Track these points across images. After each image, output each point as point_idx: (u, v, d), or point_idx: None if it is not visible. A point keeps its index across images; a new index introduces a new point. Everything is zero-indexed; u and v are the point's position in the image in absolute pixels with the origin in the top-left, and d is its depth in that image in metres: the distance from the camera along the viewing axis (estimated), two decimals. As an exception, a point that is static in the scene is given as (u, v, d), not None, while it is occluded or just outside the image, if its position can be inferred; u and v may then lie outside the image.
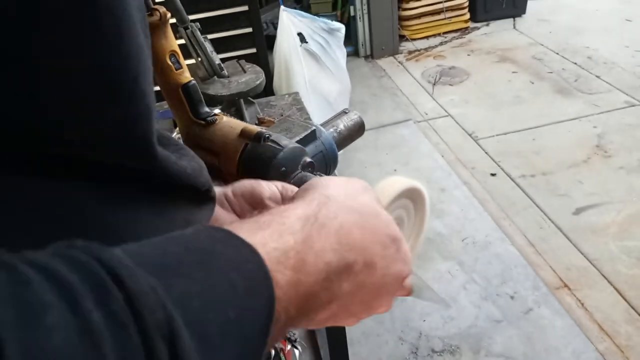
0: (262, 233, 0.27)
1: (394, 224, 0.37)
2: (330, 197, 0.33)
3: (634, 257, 1.88)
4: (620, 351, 1.58)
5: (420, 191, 0.48)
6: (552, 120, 2.73)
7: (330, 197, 0.33)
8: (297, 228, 0.29)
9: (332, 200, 0.33)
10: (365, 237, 0.33)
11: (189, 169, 0.35)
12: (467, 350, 1.64)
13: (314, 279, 0.28)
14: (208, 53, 1.09)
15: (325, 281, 0.29)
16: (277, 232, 0.28)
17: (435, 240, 2.05)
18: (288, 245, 0.28)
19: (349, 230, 0.32)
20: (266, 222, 0.29)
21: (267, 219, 0.29)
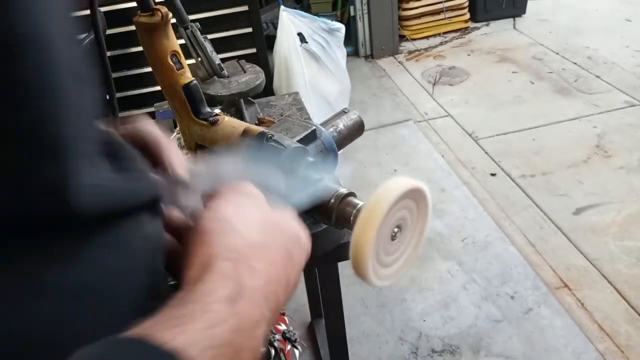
0: (187, 330, 0.24)
1: (290, 222, 0.36)
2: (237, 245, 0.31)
3: (634, 257, 1.89)
4: (620, 351, 1.58)
5: (423, 192, 0.48)
6: (552, 120, 2.73)
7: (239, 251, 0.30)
8: (228, 313, 0.26)
9: (242, 253, 0.30)
10: (279, 267, 0.32)
11: None
12: (467, 350, 1.64)
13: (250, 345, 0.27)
14: (208, 53, 1.09)
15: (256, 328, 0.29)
16: (207, 323, 0.25)
17: (435, 240, 2.05)
18: (222, 339, 0.25)
19: (268, 276, 0.31)
20: (188, 314, 0.25)
21: (189, 310, 0.25)
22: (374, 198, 0.45)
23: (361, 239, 0.44)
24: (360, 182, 2.40)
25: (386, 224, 0.46)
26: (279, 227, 0.35)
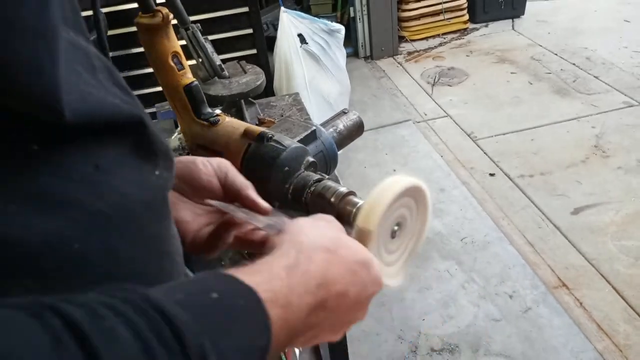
0: (255, 278, 0.33)
1: (362, 250, 0.42)
2: (303, 242, 0.39)
3: (632, 257, 1.90)
4: (618, 350, 1.59)
5: (422, 189, 0.48)
6: (551, 121, 2.74)
7: (303, 243, 0.39)
8: (283, 275, 0.35)
9: (304, 245, 0.38)
10: (337, 271, 0.38)
11: None
12: (466, 349, 1.65)
13: (297, 316, 0.35)
14: (209, 54, 1.09)
15: (306, 317, 0.36)
16: (267, 278, 0.34)
17: (435, 239, 2.06)
18: (276, 289, 0.34)
19: (323, 269, 0.37)
20: (258, 270, 0.35)
21: (258, 267, 0.35)
22: (374, 195, 0.46)
23: (361, 236, 0.45)
24: (360, 182, 2.41)
25: (386, 222, 0.47)
26: (350, 247, 0.41)
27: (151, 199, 0.36)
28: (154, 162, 0.38)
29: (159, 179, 0.38)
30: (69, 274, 0.30)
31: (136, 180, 0.35)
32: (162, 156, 0.39)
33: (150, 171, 0.37)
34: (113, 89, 0.35)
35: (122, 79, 0.38)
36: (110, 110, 0.33)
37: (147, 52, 0.80)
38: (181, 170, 0.50)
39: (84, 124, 0.31)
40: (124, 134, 0.35)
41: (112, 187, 0.33)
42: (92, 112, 0.32)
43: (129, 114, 0.35)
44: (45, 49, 0.28)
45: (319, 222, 0.43)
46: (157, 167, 0.38)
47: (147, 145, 0.37)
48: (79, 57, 0.33)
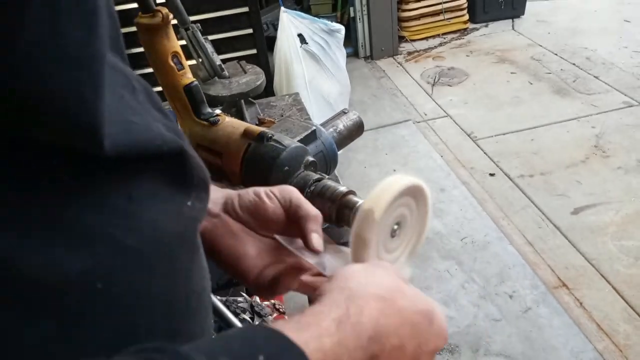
0: (304, 334, 0.31)
1: (423, 299, 0.39)
2: (353, 290, 0.36)
3: (632, 257, 1.90)
4: (618, 350, 1.59)
5: (422, 189, 0.48)
6: (551, 121, 2.74)
7: (353, 290, 0.36)
8: (333, 330, 0.32)
9: (355, 292, 0.35)
10: (392, 323, 0.35)
11: None
12: (466, 349, 1.65)
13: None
14: (209, 54, 1.09)
15: None
16: (316, 334, 0.32)
17: (434, 239, 2.06)
18: (327, 347, 0.31)
19: (376, 320, 0.34)
20: (306, 324, 0.32)
21: (307, 320, 0.33)
22: (375, 193, 0.46)
23: (360, 237, 0.45)
24: (360, 182, 2.41)
25: (386, 221, 0.47)
26: (408, 296, 0.38)
27: (183, 232, 0.35)
28: (187, 192, 0.36)
29: (191, 210, 0.36)
30: (89, 314, 0.28)
31: (169, 212, 0.33)
32: (198, 186, 0.37)
33: (182, 202, 0.35)
34: (153, 112, 0.34)
35: (159, 100, 0.37)
36: (154, 141, 0.32)
37: (147, 52, 0.80)
38: (247, 204, 0.49)
39: (124, 155, 0.29)
40: (164, 164, 0.33)
41: (145, 220, 0.31)
42: (135, 143, 0.30)
43: (172, 144, 0.33)
44: (89, 79, 0.27)
45: (374, 269, 0.40)
46: (190, 198, 0.36)
47: (184, 176, 0.35)
48: (120, 80, 0.32)
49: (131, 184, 0.31)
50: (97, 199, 0.29)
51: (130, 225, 0.30)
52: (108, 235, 0.29)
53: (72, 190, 0.28)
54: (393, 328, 0.35)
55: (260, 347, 0.29)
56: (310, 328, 0.32)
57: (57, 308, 0.27)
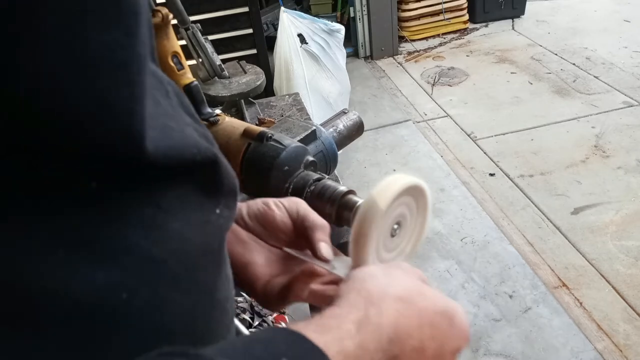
0: (325, 337, 0.31)
1: (444, 299, 0.38)
2: (371, 291, 0.35)
3: (632, 257, 1.90)
4: (618, 350, 1.59)
5: (422, 188, 0.48)
6: (551, 121, 2.74)
7: (371, 292, 0.35)
8: (354, 332, 0.32)
9: (373, 294, 0.35)
10: (412, 324, 0.35)
11: None
12: (466, 349, 1.65)
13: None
14: (209, 54, 1.10)
15: None
16: (337, 336, 0.32)
17: (434, 239, 2.06)
18: (348, 350, 0.31)
19: (395, 321, 0.34)
20: (327, 326, 0.32)
21: (328, 323, 0.32)
22: (374, 194, 0.46)
23: (361, 234, 0.45)
24: (360, 182, 2.41)
25: (386, 220, 0.47)
26: (428, 297, 0.37)
27: (210, 242, 0.34)
28: (216, 199, 0.35)
29: (219, 218, 0.35)
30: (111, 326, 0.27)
31: (197, 221, 0.32)
32: (227, 193, 0.36)
33: (211, 209, 0.34)
34: (186, 117, 0.33)
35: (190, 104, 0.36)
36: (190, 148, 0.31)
37: (147, 52, 0.80)
38: (255, 212, 0.48)
39: (163, 160, 0.28)
40: (197, 172, 0.32)
41: (172, 231, 0.30)
42: (174, 148, 0.29)
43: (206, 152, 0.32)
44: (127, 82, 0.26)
45: (393, 271, 0.39)
46: (219, 205, 0.35)
47: (214, 183, 0.34)
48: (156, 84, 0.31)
49: (161, 192, 0.30)
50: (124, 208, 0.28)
51: (156, 236, 0.29)
52: (134, 246, 0.28)
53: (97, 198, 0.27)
54: (413, 329, 0.35)
55: (283, 350, 0.28)
56: (332, 331, 0.32)
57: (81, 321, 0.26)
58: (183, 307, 0.31)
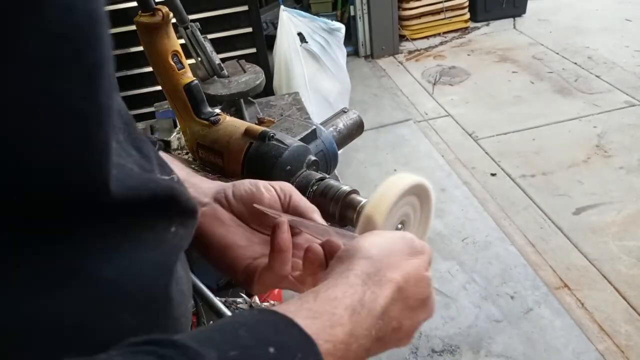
0: (316, 324, 0.31)
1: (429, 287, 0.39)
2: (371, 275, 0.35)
3: (634, 257, 1.89)
4: (620, 351, 1.58)
5: (426, 188, 0.48)
6: (552, 120, 2.73)
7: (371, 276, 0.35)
8: (346, 319, 0.32)
9: (373, 280, 0.35)
10: (398, 309, 0.36)
11: None
12: (467, 350, 1.64)
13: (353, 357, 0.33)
14: (208, 53, 1.09)
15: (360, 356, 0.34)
16: (329, 323, 0.32)
17: (436, 240, 2.05)
18: (337, 338, 0.31)
19: (387, 309, 0.35)
20: (320, 312, 0.32)
21: (320, 308, 0.32)
22: (378, 194, 0.45)
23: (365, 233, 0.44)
24: (361, 182, 2.40)
25: (390, 220, 0.46)
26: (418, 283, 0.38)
27: (165, 261, 0.34)
28: (170, 219, 0.35)
29: (174, 236, 0.35)
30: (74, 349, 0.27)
31: (150, 241, 0.33)
32: (182, 213, 0.36)
33: (165, 229, 0.34)
34: (133, 152, 0.33)
35: (139, 132, 0.36)
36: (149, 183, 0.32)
37: (146, 51, 0.79)
38: (242, 193, 0.48)
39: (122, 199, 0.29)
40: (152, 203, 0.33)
41: (125, 251, 0.30)
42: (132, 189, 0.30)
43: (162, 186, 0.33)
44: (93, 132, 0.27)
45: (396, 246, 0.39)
46: (173, 224, 0.35)
47: (167, 208, 0.35)
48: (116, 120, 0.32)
49: (115, 217, 0.30)
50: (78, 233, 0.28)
51: (108, 256, 0.29)
52: (86, 269, 0.28)
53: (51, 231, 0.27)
54: (398, 313, 0.36)
55: (270, 338, 0.28)
56: (323, 317, 0.31)
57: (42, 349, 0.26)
58: (136, 324, 0.31)
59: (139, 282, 0.31)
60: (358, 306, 0.33)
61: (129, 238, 0.31)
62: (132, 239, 0.31)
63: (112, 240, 0.30)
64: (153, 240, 0.33)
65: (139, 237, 0.32)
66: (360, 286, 0.34)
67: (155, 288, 0.33)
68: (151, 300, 0.33)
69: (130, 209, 0.31)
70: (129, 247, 0.31)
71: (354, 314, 0.33)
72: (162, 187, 0.34)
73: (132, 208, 0.31)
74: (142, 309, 0.32)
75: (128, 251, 0.31)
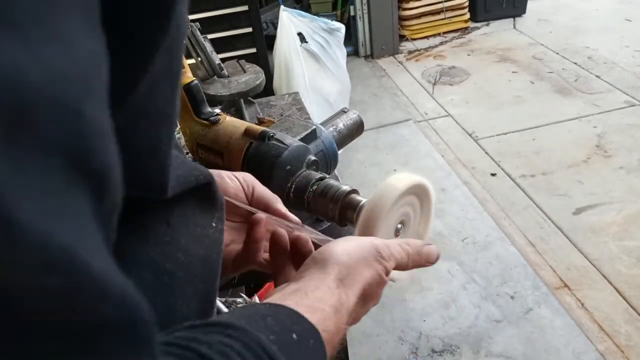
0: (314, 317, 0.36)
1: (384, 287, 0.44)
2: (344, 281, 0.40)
3: (634, 257, 1.89)
4: (620, 351, 1.58)
5: (426, 187, 0.48)
6: (552, 120, 2.73)
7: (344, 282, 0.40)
8: (332, 314, 0.38)
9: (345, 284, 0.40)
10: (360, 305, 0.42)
11: None
12: (467, 350, 1.64)
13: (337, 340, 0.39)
14: (208, 53, 1.09)
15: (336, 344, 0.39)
16: (322, 317, 0.37)
17: (435, 240, 2.05)
18: (330, 329, 0.37)
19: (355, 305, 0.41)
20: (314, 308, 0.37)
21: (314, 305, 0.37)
22: (377, 194, 0.45)
23: (365, 233, 0.44)
24: (361, 182, 2.40)
25: (389, 220, 0.46)
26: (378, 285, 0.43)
27: (209, 254, 0.37)
28: (212, 214, 0.39)
29: (215, 231, 0.38)
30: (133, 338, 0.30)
31: (198, 236, 0.36)
32: (220, 208, 0.40)
33: (208, 224, 0.38)
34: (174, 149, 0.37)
35: None
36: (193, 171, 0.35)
37: (145, 50, 0.79)
38: None
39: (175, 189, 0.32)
40: (196, 192, 0.36)
41: (179, 245, 0.34)
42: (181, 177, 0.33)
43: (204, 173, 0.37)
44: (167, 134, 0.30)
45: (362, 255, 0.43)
46: (214, 219, 0.39)
47: (210, 200, 0.39)
48: None
49: (169, 210, 0.34)
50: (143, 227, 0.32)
51: (169, 251, 0.33)
52: (151, 261, 0.31)
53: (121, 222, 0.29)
54: (359, 307, 0.42)
55: (291, 326, 0.33)
56: (317, 312, 0.36)
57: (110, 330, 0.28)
58: (186, 315, 0.34)
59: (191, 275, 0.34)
60: (338, 305, 0.39)
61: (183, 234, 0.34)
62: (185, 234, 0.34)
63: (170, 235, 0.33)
64: (200, 235, 0.37)
65: (190, 233, 0.35)
66: (336, 289, 0.39)
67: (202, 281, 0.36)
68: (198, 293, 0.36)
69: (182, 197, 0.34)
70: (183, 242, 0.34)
71: (336, 312, 0.38)
72: (204, 174, 0.37)
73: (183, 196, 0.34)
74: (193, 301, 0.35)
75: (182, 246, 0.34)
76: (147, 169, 0.29)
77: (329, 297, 0.39)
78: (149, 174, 0.29)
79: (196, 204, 0.37)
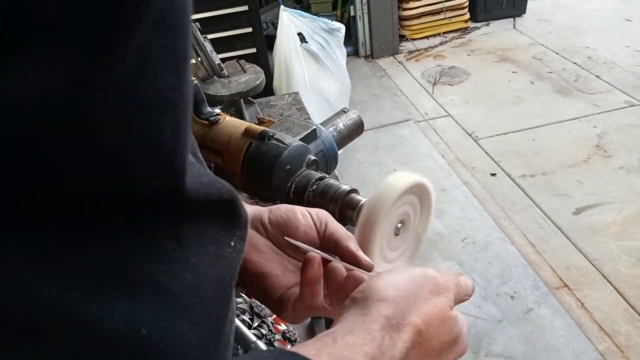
0: None
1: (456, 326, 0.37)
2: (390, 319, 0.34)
3: (634, 257, 1.89)
4: (620, 351, 1.58)
5: (426, 187, 0.48)
6: (552, 120, 2.73)
7: (390, 320, 0.34)
8: None
9: (391, 324, 0.34)
10: (420, 353, 0.34)
11: None
12: (467, 350, 1.64)
13: None
14: (208, 53, 1.09)
15: None
16: None
17: (435, 240, 2.05)
18: None
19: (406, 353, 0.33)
20: (339, 358, 0.31)
21: (340, 354, 0.31)
22: (377, 193, 0.45)
23: (365, 233, 0.44)
24: (361, 182, 2.40)
25: (390, 219, 0.46)
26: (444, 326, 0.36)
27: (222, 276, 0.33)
28: (232, 232, 0.35)
29: (233, 251, 0.34)
30: None
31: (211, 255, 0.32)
32: (243, 225, 0.36)
33: (227, 243, 0.34)
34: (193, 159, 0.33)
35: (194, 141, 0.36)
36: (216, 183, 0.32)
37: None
38: (277, 219, 0.46)
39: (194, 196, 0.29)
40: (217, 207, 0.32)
41: (189, 265, 0.30)
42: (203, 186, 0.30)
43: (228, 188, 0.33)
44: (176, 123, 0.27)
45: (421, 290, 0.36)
46: (234, 237, 0.34)
47: (232, 217, 0.34)
48: None
49: (181, 226, 0.30)
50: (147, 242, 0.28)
51: (175, 271, 0.29)
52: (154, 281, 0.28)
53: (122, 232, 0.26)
54: (420, 357, 0.34)
55: None
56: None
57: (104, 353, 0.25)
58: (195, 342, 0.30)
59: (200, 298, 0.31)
60: (378, 353, 0.32)
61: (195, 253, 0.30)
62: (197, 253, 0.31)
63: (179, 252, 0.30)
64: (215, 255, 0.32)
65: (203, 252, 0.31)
66: (378, 332, 0.33)
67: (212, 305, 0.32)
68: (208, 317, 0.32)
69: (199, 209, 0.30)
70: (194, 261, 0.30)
71: None
72: (227, 189, 0.33)
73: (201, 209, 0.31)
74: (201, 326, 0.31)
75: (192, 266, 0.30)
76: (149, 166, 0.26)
77: (365, 343, 0.32)
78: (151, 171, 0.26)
79: (216, 219, 0.33)
